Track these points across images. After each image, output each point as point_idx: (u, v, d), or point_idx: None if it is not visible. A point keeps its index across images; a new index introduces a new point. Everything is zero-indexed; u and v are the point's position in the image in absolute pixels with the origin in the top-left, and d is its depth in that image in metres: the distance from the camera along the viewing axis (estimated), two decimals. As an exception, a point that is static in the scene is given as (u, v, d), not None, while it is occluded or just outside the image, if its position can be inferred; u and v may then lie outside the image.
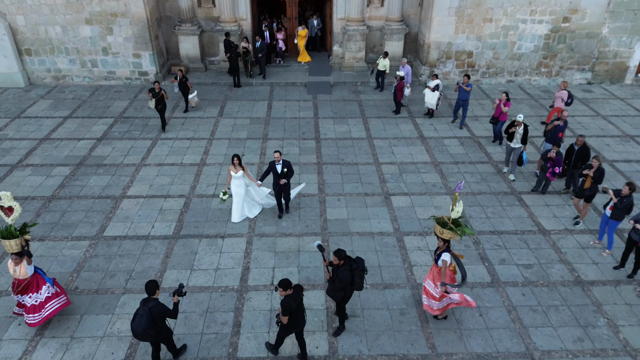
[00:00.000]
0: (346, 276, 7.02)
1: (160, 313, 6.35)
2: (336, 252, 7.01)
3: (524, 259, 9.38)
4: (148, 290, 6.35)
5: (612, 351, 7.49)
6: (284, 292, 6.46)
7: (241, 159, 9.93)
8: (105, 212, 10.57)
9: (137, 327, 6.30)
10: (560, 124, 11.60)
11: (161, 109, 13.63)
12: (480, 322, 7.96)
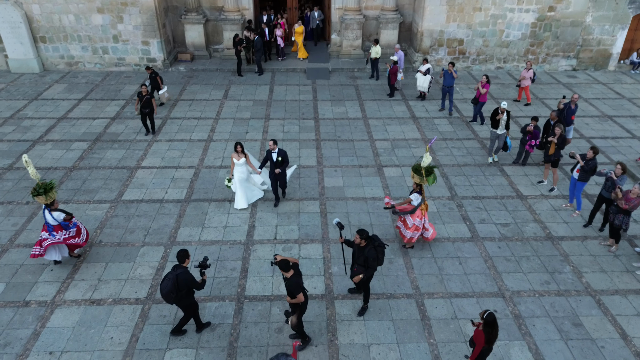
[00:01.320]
0: (374, 254, 7.29)
1: (185, 281, 6.74)
2: (359, 232, 7.23)
3: (502, 219, 10.41)
4: (178, 258, 6.84)
5: (574, 292, 8.52)
6: (287, 274, 6.58)
7: (244, 146, 10.34)
8: (122, 180, 11.60)
9: (163, 288, 6.78)
10: (572, 106, 12.34)
11: (149, 112, 13.28)
12: (459, 269, 8.99)
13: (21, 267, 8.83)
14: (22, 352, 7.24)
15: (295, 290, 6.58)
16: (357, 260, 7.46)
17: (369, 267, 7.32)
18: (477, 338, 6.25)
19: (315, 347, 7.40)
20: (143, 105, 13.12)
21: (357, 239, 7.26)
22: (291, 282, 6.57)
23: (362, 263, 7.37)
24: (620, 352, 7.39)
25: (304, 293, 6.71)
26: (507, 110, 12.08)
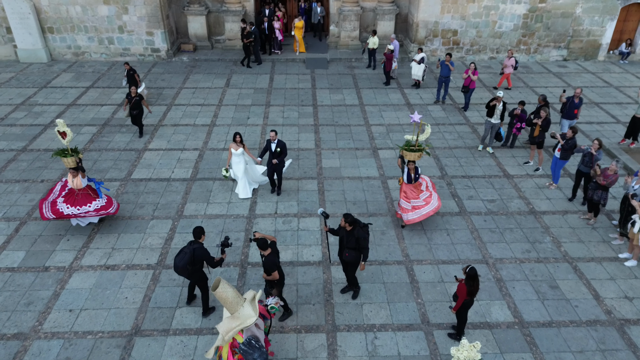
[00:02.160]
0: (363, 234, 7.43)
1: (201, 256, 7.09)
2: (345, 216, 7.38)
3: (489, 196, 11.08)
4: (195, 234, 7.21)
5: (553, 259, 9.20)
6: (265, 252, 6.95)
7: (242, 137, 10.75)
8: (130, 161, 12.26)
9: (179, 261, 7.10)
10: (576, 100, 12.35)
11: (137, 114, 12.94)
12: (447, 239, 9.67)
13: (39, 237, 9.50)
14: (44, 309, 7.92)
15: (271, 268, 6.90)
16: (347, 245, 7.54)
17: (363, 248, 7.48)
18: (460, 291, 6.92)
19: (313, 306, 8.08)
20: (132, 106, 12.74)
21: (342, 222, 7.41)
22: (268, 260, 6.91)
23: (353, 246, 7.49)
24: (592, 310, 8.07)
25: (279, 271, 7.05)
26: (503, 101, 12.31)
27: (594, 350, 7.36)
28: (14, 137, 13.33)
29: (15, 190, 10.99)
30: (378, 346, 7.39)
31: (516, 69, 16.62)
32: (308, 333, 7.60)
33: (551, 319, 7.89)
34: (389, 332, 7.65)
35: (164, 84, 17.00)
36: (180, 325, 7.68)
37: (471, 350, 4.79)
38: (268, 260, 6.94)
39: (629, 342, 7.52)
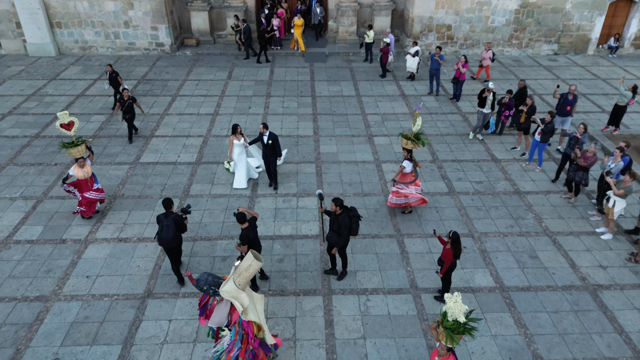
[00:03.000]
0: (347, 222, 7.83)
1: (180, 222, 7.90)
2: (335, 200, 7.79)
3: (477, 178, 11.76)
4: (166, 206, 7.95)
5: (534, 233, 9.88)
6: (242, 226, 7.48)
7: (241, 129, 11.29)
8: (139, 147, 12.94)
9: (167, 234, 7.78)
10: (570, 97, 12.49)
11: (130, 118, 12.75)
12: (436, 216, 10.35)
13: (55, 214, 10.19)
14: (63, 276, 8.60)
15: (243, 241, 7.41)
16: (332, 227, 7.97)
17: (341, 235, 7.88)
18: (446, 256, 7.60)
19: (310, 273, 8.77)
20: (125, 110, 12.53)
21: (332, 206, 7.84)
22: (242, 233, 7.47)
23: (336, 229, 7.90)
24: (568, 277, 8.75)
25: (252, 245, 7.56)
26: (493, 91, 12.95)
27: (568, 311, 8.04)
28: (27, 125, 14.01)
29: (30, 173, 11.67)
30: (370, 307, 8.08)
31: (493, 61, 17.28)
32: (306, 296, 8.28)
33: (529, 284, 8.58)
34: (380, 295, 8.33)
35: (169, 76, 17.68)
36: (188, 289, 8.36)
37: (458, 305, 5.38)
38: (242, 233, 7.49)
39: (600, 304, 8.20)
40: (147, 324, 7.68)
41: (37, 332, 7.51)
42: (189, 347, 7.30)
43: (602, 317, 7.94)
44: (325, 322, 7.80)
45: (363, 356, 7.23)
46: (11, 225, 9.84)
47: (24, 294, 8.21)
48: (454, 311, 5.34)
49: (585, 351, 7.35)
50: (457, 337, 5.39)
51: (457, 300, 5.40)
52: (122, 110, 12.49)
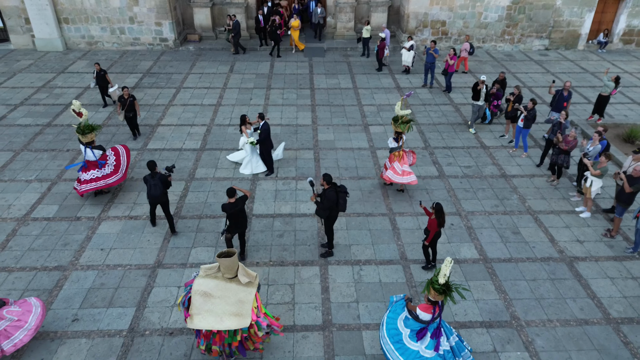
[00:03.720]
0: (333, 196, 8.38)
1: (165, 180, 9.12)
2: (324, 176, 8.46)
3: (466, 163, 12.45)
4: (151, 167, 9.03)
5: (517, 212, 10.57)
6: (230, 199, 8.10)
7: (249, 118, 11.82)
8: (145, 134, 13.61)
9: (156, 191, 9.04)
10: (565, 93, 12.88)
11: (133, 116, 13.03)
12: (426, 197, 11.03)
13: (69, 195, 10.88)
14: (79, 248, 9.29)
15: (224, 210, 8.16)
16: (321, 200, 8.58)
17: (323, 206, 8.46)
18: (431, 225, 8.29)
19: (308, 246, 9.45)
20: (127, 109, 12.80)
21: (321, 181, 8.52)
22: (223, 205, 8.21)
23: (320, 201, 8.57)
24: (547, 250, 9.44)
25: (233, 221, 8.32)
26: (486, 84, 13.52)
27: (545, 279, 8.73)
28: (39, 114, 14.69)
29: (44, 158, 12.36)
30: (363, 275, 8.76)
31: (471, 53, 17.78)
32: (304, 266, 8.96)
33: (511, 256, 9.27)
34: (372, 265, 9.02)
35: (173, 70, 18.37)
36: (195, 260, 9.05)
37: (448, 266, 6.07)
38: (224, 205, 8.24)
39: (576, 273, 8.89)
40: (158, 290, 8.36)
41: (57, 297, 8.19)
42: (196, 309, 7.98)
43: (576, 285, 8.62)
44: (321, 288, 8.49)
45: (356, 317, 7.91)
46: (28, 205, 10.52)
47: (44, 264, 8.90)
48: (444, 270, 6.02)
49: (559, 313, 8.04)
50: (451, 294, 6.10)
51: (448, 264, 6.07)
52: (124, 109, 12.76)
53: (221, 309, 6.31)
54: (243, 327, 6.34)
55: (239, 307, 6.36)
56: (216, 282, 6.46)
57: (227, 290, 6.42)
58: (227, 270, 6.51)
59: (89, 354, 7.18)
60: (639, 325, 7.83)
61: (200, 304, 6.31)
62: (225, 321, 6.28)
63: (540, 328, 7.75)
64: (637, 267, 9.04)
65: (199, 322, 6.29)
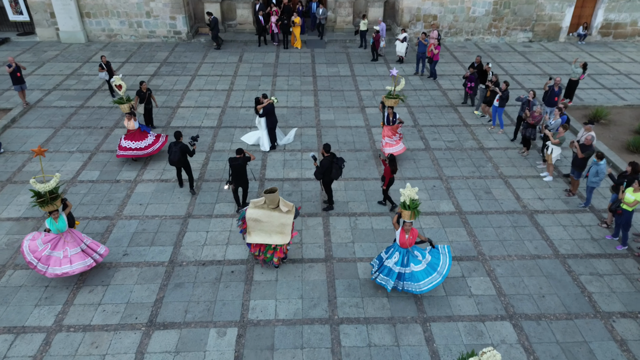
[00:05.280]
0: (326, 164, 10.05)
1: (185, 149, 10.79)
2: (324, 145, 10.26)
3: (449, 138, 14.27)
4: (176, 136, 10.82)
5: (490, 177, 12.39)
6: (237, 155, 10.02)
7: None
8: (167, 114, 15.44)
9: (173, 157, 10.81)
10: (556, 89, 13.84)
11: (150, 109, 14.10)
12: (413, 165, 12.85)
13: (108, 163, 12.70)
14: (121, 203, 11.12)
15: (229, 162, 10.12)
16: None
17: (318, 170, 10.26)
18: (386, 172, 10.27)
19: (312, 203, 11.28)
20: (146, 101, 13.85)
21: (322, 151, 10.33)
22: (232, 159, 10.10)
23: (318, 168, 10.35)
24: (513, 205, 11.27)
25: (235, 177, 10.18)
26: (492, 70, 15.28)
27: (508, 227, 10.57)
28: (71, 98, 16.51)
29: (82, 134, 14.19)
30: (358, 224, 10.60)
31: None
32: (309, 217, 10.80)
33: (482, 210, 11.10)
34: (366, 217, 10.86)
35: (187, 59, 20.17)
36: (219, 212, 10.88)
37: (412, 191, 7.92)
38: (231, 157, 10.25)
39: (534, 222, 10.73)
40: (190, 234, 10.20)
41: (108, 239, 10.03)
42: (222, 247, 9.83)
43: (534, 230, 10.47)
44: (323, 233, 10.33)
45: (352, 253, 9.75)
46: (74, 170, 12.35)
47: (94, 215, 10.74)
48: (409, 193, 7.86)
49: (517, 251, 9.88)
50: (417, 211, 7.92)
51: (408, 187, 7.91)
52: (142, 102, 13.77)
53: (269, 229, 8.60)
54: (285, 243, 8.71)
55: (282, 229, 8.66)
56: (263, 212, 8.63)
57: (272, 217, 8.61)
58: (271, 202, 8.61)
59: (139, 278, 9.03)
60: (581, 259, 9.67)
61: (253, 226, 8.69)
62: (273, 237, 8.70)
63: (501, 261, 9.60)
64: (586, 218, 10.88)
65: (254, 238, 8.74)
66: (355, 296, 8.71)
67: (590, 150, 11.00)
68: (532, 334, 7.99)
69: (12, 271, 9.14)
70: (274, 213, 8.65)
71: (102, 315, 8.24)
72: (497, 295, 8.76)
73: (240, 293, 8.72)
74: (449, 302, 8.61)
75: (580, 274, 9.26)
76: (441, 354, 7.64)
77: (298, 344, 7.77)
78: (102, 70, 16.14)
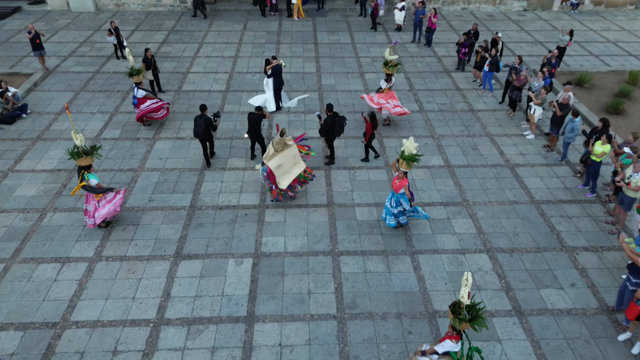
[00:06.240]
0: (330, 122, 11.35)
1: (209, 122, 11.56)
2: (327, 105, 11.55)
3: (442, 101, 15.35)
4: (201, 109, 11.61)
5: (478, 135, 13.54)
6: (257, 112, 11.45)
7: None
8: (179, 80, 16.46)
9: (199, 129, 11.57)
10: (553, 60, 14.66)
11: (157, 74, 15.14)
12: (408, 125, 13.98)
13: (127, 123, 13.83)
14: (143, 158, 12.31)
15: (248, 117, 11.57)
16: None
17: (322, 128, 11.52)
18: (367, 128, 11.40)
19: (315, 158, 12.47)
20: (153, 68, 14.76)
21: (325, 110, 11.58)
22: (250, 114, 11.47)
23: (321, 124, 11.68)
24: (497, 160, 12.46)
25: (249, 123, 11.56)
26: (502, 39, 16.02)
27: (491, 178, 11.79)
28: (87, 64, 17.49)
29: (100, 96, 15.26)
30: (356, 176, 11.82)
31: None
32: (313, 170, 11.99)
33: (468, 163, 12.31)
34: (364, 170, 12.06)
35: (194, 28, 21.02)
36: (232, 166, 12.08)
37: (412, 145, 9.07)
38: (250, 112, 11.60)
39: (515, 174, 11.94)
40: (207, 184, 11.43)
41: (134, 187, 11.27)
42: (236, 195, 11.08)
43: (514, 181, 11.69)
44: (326, 183, 11.56)
45: (350, 200, 11.00)
46: (97, 129, 13.50)
47: (119, 167, 11.94)
48: (409, 147, 9.03)
49: (497, 198, 11.12)
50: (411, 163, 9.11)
51: (411, 140, 9.08)
52: (149, 69, 14.61)
53: (289, 167, 10.07)
54: (302, 169, 10.31)
55: (296, 159, 10.22)
56: (278, 156, 10.01)
57: (285, 156, 10.06)
58: (278, 145, 9.90)
59: (164, 219, 10.31)
60: (554, 205, 10.93)
61: (279, 174, 10.09)
62: (294, 171, 10.25)
63: (482, 206, 10.86)
64: (562, 170, 12.10)
65: (284, 182, 10.15)
66: (354, 234, 10.00)
67: (568, 108, 12.12)
68: (505, 264, 9.31)
69: (52, 214, 10.41)
70: (284, 152, 10.05)
71: (135, 248, 9.54)
72: (477, 234, 10.05)
73: (253, 231, 10.01)
74: (435, 238, 9.91)
75: (551, 216, 10.54)
76: (426, 279, 8.97)
77: (304, 270, 9.09)
78: (110, 35, 17.12)
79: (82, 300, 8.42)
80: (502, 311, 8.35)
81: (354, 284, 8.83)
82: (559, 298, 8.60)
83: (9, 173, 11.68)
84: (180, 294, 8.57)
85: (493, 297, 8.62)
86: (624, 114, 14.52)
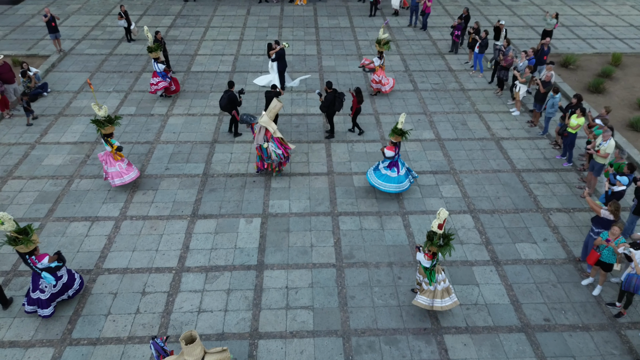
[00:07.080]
0: (330, 98, 12.39)
1: (233, 98, 12.73)
2: (327, 83, 12.70)
3: (435, 81, 16.38)
4: (229, 85, 12.75)
5: (468, 112, 14.59)
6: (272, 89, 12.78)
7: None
8: (187, 61, 17.46)
9: (222, 102, 12.74)
10: (545, 48, 15.15)
11: (167, 55, 16.20)
12: (402, 103, 15.03)
13: (142, 100, 14.88)
14: (157, 132, 13.39)
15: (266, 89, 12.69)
16: None
17: (323, 104, 12.48)
18: (353, 103, 12.50)
19: (316, 133, 13.54)
20: (164, 50, 15.83)
21: (325, 87, 12.61)
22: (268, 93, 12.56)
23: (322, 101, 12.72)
24: (483, 134, 13.54)
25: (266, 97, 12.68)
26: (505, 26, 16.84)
27: (477, 150, 12.87)
28: (100, 46, 18.47)
29: (114, 77, 16.28)
30: (354, 148, 12.91)
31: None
32: (314, 143, 13.08)
33: (457, 137, 13.39)
34: (361, 143, 13.15)
35: (199, 13, 21.93)
36: (240, 139, 13.16)
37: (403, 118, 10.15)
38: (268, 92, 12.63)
39: (500, 146, 13.03)
40: (218, 155, 12.53)
41: (151, 158, 12.36)
42: (245, 164, 12.17)
43: (498, 152, 12.78)
44: (326, 155, 12.65)
45: (348, 169, 12.10)
46: (114, 106, 14.55)
47: (137, 140, 13.02)
48: (401, 120, 10.12)
49: (482, 167, 12.22)
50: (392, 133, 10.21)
51: (403, 116, 10.15)
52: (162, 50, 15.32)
53: None
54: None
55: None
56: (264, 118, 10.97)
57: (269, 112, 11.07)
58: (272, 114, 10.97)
59: (180, 185, 11.42)
60: (533, 173, 12.03)
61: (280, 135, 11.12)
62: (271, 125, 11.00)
63: (468, 174, 11.97)
64: (543, 143, 13.18)
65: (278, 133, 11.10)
66: (351, 198, 11.13)
67: (550, 85, 13.16)
68: (486, 222, 10.44)
69: (79, 180, 11.53)
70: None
71: (156, 209, 10.67)
72: (462, 197, 11.17)
73: (261, 196, 11.14)
74: (424, 202, 11.04)
75: (530, 183, 11.65)
76: (415, 235, 10.11)
77: (307, 228, 10.23)
78: (121, 18, 18.04)
79: (112, 252, 9.57)
80: (481, 261, 9.50)
81: (351, 239, 9.97)
82: (532, 250, 9.75)
83: (36, 145, 12.77)
84: (198, 247, 9.72)
85: (474, 249, 9.77)
86: (604, 92, 15.56)
